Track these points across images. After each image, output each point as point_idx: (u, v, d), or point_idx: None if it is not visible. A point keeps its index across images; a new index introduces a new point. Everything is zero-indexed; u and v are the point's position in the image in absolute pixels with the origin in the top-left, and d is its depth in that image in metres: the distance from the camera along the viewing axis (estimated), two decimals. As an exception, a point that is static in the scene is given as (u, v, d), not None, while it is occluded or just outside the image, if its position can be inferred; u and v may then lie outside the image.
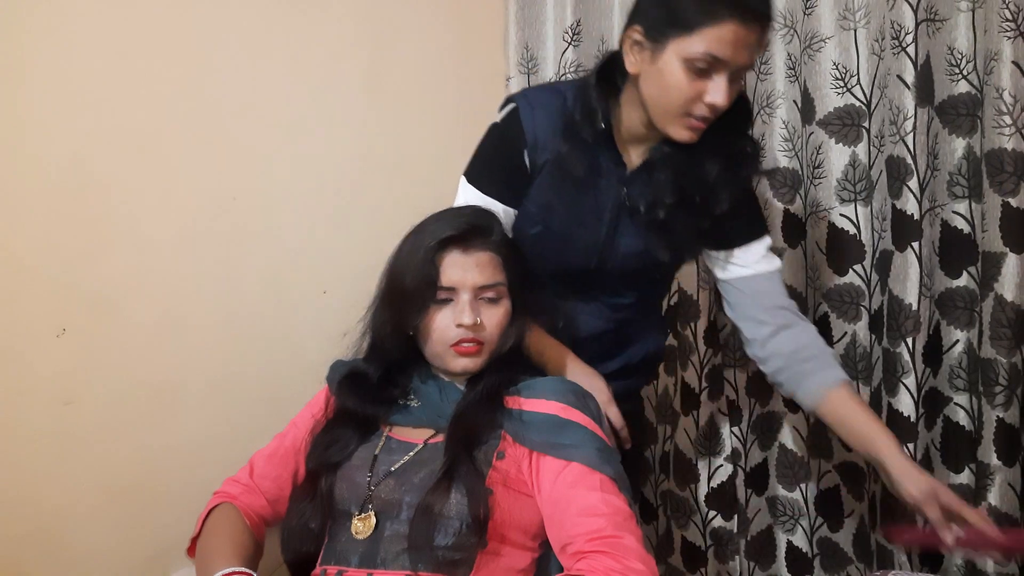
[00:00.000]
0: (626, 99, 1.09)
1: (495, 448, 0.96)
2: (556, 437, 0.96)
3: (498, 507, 0.93)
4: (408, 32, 1.60)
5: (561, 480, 0.94)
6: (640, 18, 1.02)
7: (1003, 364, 1.24)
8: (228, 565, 0.92)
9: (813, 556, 1.55)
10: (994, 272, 1.24)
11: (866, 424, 1.09)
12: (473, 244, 1.04)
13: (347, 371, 1.10)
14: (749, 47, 0.97)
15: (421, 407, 1.06)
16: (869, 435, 1.08)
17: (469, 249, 1.03)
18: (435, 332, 1.02)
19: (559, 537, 0.93)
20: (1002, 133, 1.23)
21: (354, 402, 1.06)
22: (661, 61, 0.99)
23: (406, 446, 1.01)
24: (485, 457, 0.96)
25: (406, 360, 1.09)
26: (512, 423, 0.98)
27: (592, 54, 1.65)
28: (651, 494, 1.69)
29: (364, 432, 1.04)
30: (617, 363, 1.21)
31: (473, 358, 1.03)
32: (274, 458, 1.07)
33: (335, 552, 0.96)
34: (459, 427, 0.98)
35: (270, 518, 1.04)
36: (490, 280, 1.03)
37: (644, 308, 1.23)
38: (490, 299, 1.03)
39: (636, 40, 1.02)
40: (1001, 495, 1.25)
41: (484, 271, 1.03)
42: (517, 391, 1.02)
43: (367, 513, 0.95)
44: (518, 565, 0.95)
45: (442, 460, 0.96)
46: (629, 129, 1.11)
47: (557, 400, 1.00)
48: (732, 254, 1.15)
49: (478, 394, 1.02)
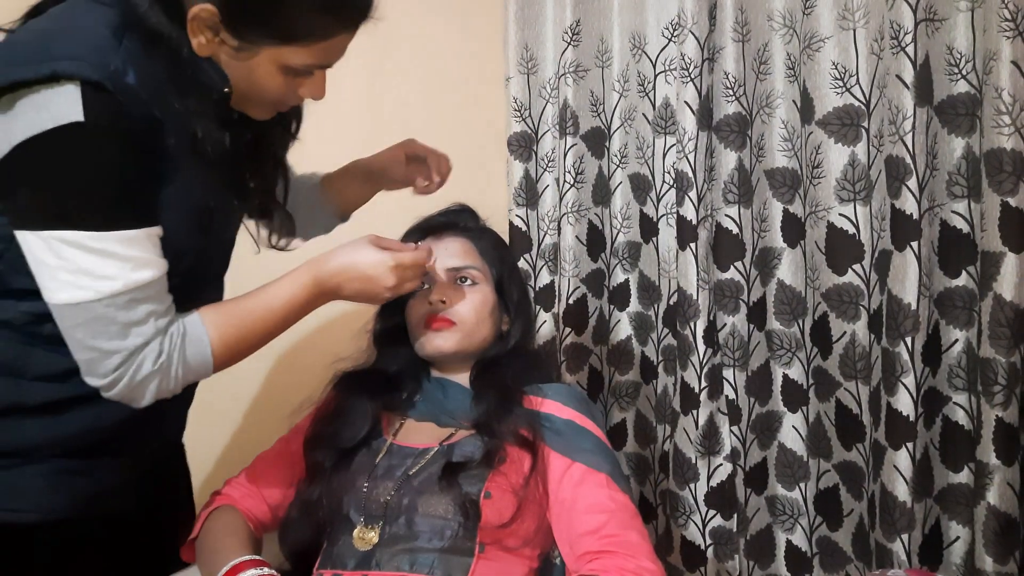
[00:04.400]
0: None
1: (498, 450, 0.97)
2: (575, 441, 0.98)
3: (496, 512, 0.93)
4: (407, 32, 1.60)
5: (568, 479, 0.95)
6: (218, 0, 0.79)
7: (1002, 363, 1.25)
8: (238, 556, 0.92)
9: (812, 555, 1.55)
10: (993, 272, 1.25)
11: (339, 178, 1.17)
12: (446, 233, 1.10)
13: (352, 371, 1.11)
14: (347, 43, 0.89)
15: (425, 405, 1.06)
16: (342, 176, 1.16)
17: (442, 237, 1.10)
18: (411, 312, 1.06)
19: (568, 535, 0.93)
20: (1001, 133, 1.23)
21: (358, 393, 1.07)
22: (252, 62, 0.84)
23: (409, 451, 1.01)
24: (487, 459, 0.96)
25: (410, 366, 1.10)
26: (535, 422, 0.99)
27: (592, 54, 1.66)
28: (650, 493, 1.70)
29: (367, 428, 1.04)
30: None
31: (444, 335, 1.04)
32: (277, 462, 1.07)
33: (331, 556, 0.96)
34: (488, 424, 0.99)
35: (269, 523, 1.05)
36: (461, 263, 1.07)
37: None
38: (465, 282, 1.06)
39: (210, 23, 0.80)
40: (1000, 494, 1.25)
41: (455, 255, 1.07)
42: (538, 392, 1.04)
43: (372, 527, 0.95)
44: (516, 574, 0.95)
45: (441, 463, 0.96)
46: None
47: (574, 408, 1.02)
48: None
49: (495, 391, 1.03)
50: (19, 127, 0.75)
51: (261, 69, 0.85)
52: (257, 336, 0.90)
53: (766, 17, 1.47)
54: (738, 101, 1.49)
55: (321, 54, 0.86)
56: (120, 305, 0.79)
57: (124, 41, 0.79)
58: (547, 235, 1.67)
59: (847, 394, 1.46)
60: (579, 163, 1.66)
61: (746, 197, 1.52)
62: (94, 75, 0.75)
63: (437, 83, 1.65)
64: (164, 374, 0.83)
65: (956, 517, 1.34)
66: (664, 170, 1.59)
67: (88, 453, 0.91)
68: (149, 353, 0.82)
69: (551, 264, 1.67)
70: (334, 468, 1.00)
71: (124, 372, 0.81)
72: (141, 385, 0.82)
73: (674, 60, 1.55)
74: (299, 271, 0.93)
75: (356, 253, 0.94)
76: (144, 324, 0.81)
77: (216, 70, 0.84)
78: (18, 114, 0.75)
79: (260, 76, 0.85)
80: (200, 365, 0.86)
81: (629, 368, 1.71)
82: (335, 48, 0.87)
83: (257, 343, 0.91)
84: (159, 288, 0.83)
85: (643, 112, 1.63)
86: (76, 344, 0.81)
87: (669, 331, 1.60)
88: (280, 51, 0.84)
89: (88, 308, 0.78)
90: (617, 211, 1.69)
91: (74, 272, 0.77)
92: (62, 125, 0.74)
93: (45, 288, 0.79)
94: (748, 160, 1.52)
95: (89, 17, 0.80)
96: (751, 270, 1.54)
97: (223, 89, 0.85)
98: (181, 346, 0.84)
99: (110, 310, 0.79)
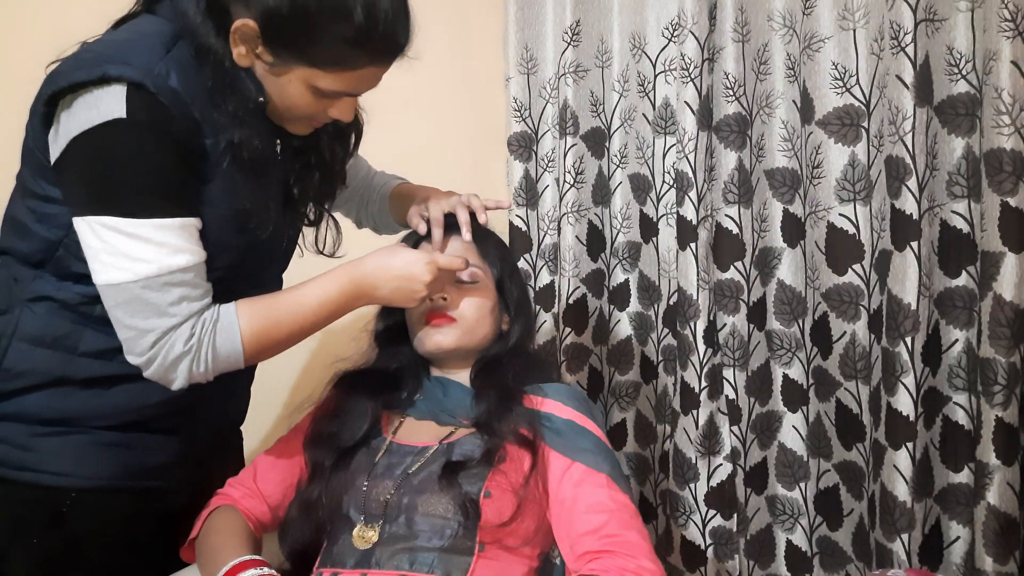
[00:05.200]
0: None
1: (498, 449, 0.97)
2: (574, 441, 0.98)
3: (496, 511, 0.93)
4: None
5: (567, 479, 0.95)
6: (257, 17, 0.85)
7: (1002, 363, 1.25)
8: (238, 556, 0.92)
9: (812, 555, 1.55)
10: (993, 271, 1.25)
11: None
12: (448, 233, 1.09)
13: (352, 370, 1.11)
14: (381, 75, 0.94)
15: (425, 403, 1.06)
16: (404, 196, 1.19)
17: (446, 238, 1.09)
18: (411, 309, 1.06)
19: (568, 535, 0.93)
20: (1001, 133, 1.23)
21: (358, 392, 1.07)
22: (283, 78, 0.90)
23: (409, 450, 1.01)
24: (487, 458, 0.96)
25: (411, 365, 1.10)
26: (535, 422, 0.99)
27: (592, 54, 1.66)
28: (650, 493, 1.70)
29: (367, 427, 1.04)
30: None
31: (444, 331, 1.05)
32: (277, 462, 1.07)
33: (331, 555, 0.96)
34: (489, 423, 0.99)
35: (269, 523, 1.05)
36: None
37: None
38: (466, 281, 1.06)
39: (249, 37, 0.87)
40: (1000, 494, 1.25)
41: (456, 254, 1.06)
42: (538, 391, 1.04)
43: (372, 526, 0.95)
44: (515, 573, 0.95)
45: (441, 462, 0.96)
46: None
47: (574, 408, 1.02)
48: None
49: (496, 390, 1.03)
50: (75, 123, 0.84)
51: (292, 87, 0.90)
52: (288, 331, 0.95)
53: (766, 17, 1.47)
54: (738, 101, 1.49)
55: (350, 82, 0.91)
56: (155, 287, 0.85)
57: (173, 50, 0.87)
58: (547, 235, 1.67)
59: (847, 394, 1.46)
60: (579, 163, 1.66)
61: (746, 197, 1.52)
62: (137, 76, 0.83)
63: (437, 83, 1.65)
64: (195, 357, 0.88)
65: (956, 517, 1.34)
66: (664, 170, 1.59)
67: (134, 428, 0.98)
68: (181, 334, 0.87)
69: (551, 264, 1.67)
70: (334, 467, 1.00)
71: (158, 351, 0.87)
72: (173, 365, 0.88)
73: (674, 60, 1.56)
74: (335, 270, 0.98)
75: (391, 253, 0.99)
76: (178, 306, 0.87)
77: (254, 81, 0.90)
78: (75, 112, 0.84)
79: (290, 93, 0.91)
80: (230, 353, 0.91)
81: (629, 368, 1.71)
82: (365, 78, 0.92)
83: (288, 338, 0.95)
84: (194, 275, 0.89)
85: (643, 112, 1.63)
86: (117, 323, 0.88)
87: (669, 331, 1.60)
88: (311, 73, 0.89)
89: (126, 289, 0.85)
90: (617, 211, 1.69)
91: (114, 255, 0.85)
92: (107, 121, 0.82)
93: (92, 270, 0.87)
94: (748, 160, 1.52)
95: (148, 28, 0.90)
96: (751, 270, 1.54)
97: (258, 99, 0.91)
98: (212, 331, 0.89)
99: (146, 291, 0.85)
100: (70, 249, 0.90)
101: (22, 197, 0.95)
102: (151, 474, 1.00)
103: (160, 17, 0.91)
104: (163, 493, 1.01)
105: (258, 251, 0.99)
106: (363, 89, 0.94)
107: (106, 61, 0.83)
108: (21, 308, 0.94)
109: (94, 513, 0.96)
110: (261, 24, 0.85)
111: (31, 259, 0.94)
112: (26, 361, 0.93)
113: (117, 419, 0.96)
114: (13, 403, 0.94)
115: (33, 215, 0.93)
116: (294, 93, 0.91)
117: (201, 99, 0.87)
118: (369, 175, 1.30)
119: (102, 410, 0.95)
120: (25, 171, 0.94)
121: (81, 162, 0.85)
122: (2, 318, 0.95)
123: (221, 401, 1.06)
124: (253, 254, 0.98)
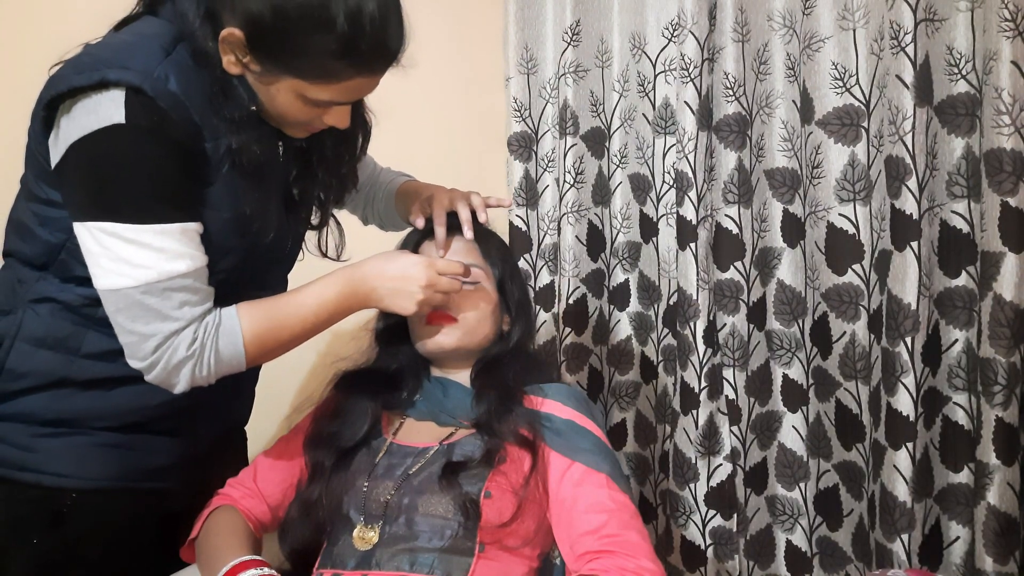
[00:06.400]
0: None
1: (498, 450, 0.97)
2: (574, 441, 0.98)
3: (496, 511, 0.93)
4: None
5: (567, 479, 0.95)
6: (242, 26, 0.83)
7: (1002, 363, 1.25)
8: (238, 556, 0.92)
9: (812, 555, 1.55)
10: (993, 271, 1.25)
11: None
12: (449, 234, 1.09)
13: (352, 370, 1.11)
14: (374, 84, 0.92)
15: (425, 404, 1.06)
16: (409, 195, 1.18)
17: (449, 238, 1.09)
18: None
19: (568, 535, 0.93)
20: (1001, 133, 1.23)
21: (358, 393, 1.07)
22: (272, 87, 0.88)
23: (409, 450, 1.01)
24: (487, 459, 0.96)
25: (411, 365, 1.10)
26: (535, 422, 0.99)
27: (592, 54, 1.66)
28: (650, 493, 1.70)
29: (367, 428, 1.04)
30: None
31: (445, 331, 1.04)
32: (277, 462, 1.07)
33: (331, 556, 0.96)
34: (489, 423, 0.99)
35: (269, 523, 1.05)
36: (463, 260, 1.06)
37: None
38: (467, 282, 1.06)
39: (236, 46, 0.85)
40: (1000, 494, 1.25)
41: (457, 255, 1.07)
42: (539, 391, 1.04)
43: (372, 526, 0.95)
44: (516, 574, 0.95)
45: (441, 462, 0.96)
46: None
47: (574, 408, 1.02)
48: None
49: (496, 390, 1.03)
50: (74, 128, 0.83)
51: (281, 96, 0.89)
52: (289, 333, 0.94)
53: (766, 17, 1.47)
54: (738, 101, 1.49)
55: (340, 93, 0.89)
56: (156, 293, 0.85)
57: (173, 53, 0.86)
58: (547, 235, 1.67)
59: (847, 394, 1.46)
60: (579, 163, 1.66)
61: (746, 197, 1.52)
62: (136, 80, 0.82)
63: (437, 83, 1.65)
64: (197, 360, 0.88)
65: (956, 517, 1.34)
66: (664, 170, 1.59)
67: (136, 429, 0.98)
68: (183, 339, 0.87)
69: (551, 264, 1.67)
70: (334, 467, 1.00)
71: (161, 356, 0.87)
72: (176, 369, 0.88)
73: (674, 60, 1.56)
74: (334, 273, 0.98)
75: (390, 257, 0.99)
76: (179, 311, 0.87)
77: (246, 88, 0.89)
78: (75, 117, 0.83)
79: (281, 102, 0.90)
80: (232, 356, 0.91)
81: (629, 368, 1.71)
82: (356, 88, 0.90)
83: (289, 341, 0.96)
84: (195, 279, 0.88)
85: (643, 112, 1.63)
86: (119, 328, 0.88)
87: (669, 331, 1.60)
88: (298, 84, 0.87)
89: (127, 294, 0.85)
90: (617, 211, 1.69)
91: (114, 260, 0.84)
92: (106, 126, 0.82)
93: (93, 275, 0.87)
94: (748, 160, 1.52)
95: (149, 31, 0.89)
96: (751, 270, 1.54)
97: (251, 107, 0.90)
98: (215, 335, 0.89)
99: (147, 297, 0.85)
100: (72, 252, 0.90)
101: (26, 200, 0.95)
102: (152, 475, 1.00)
103: (162, 19, 0.90)
104: (164, 494, 1.01)
105: (261, 253, 0.99)
106: (355, 98, 0.94)
107: (105, 65, 0.82)
108: (24, 309, 0.94)
109: (94, 514, 0.96)
110: (246, 33, 0.83)
111: (34, 261, 0.95)
112: (28, 362, 0.93)
113: (118, 420, 0.96)
114: (15, 404, 0.94)
115: (36, 218, 0.93)
116: (284, 102, 0.89)
117: (201, 103, 0.86)
118: (375, 172, 1.30)
119: (103, 411, 0.96)
120: (28, 174, 0.94)
121: (81, 167, 0.84)
122: (5, 319, 0.95)
123: (224, 402, 1.06)
124: (256, 257, 0.98)
